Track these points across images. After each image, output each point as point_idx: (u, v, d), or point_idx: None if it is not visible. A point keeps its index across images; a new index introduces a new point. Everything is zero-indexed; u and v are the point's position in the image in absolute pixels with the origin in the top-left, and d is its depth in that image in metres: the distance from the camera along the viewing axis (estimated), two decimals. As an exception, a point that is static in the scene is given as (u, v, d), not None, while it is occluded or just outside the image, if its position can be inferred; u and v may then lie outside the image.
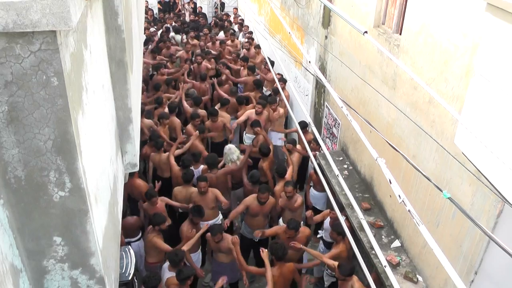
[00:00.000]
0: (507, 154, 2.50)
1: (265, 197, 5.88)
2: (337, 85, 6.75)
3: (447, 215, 4.05)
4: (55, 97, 1.88)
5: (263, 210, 6.02)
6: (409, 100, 4.60)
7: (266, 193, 5.88)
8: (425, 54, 4.24)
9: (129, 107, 3.60)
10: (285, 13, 9.58)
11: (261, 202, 5.92)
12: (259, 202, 5.93)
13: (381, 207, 5.54)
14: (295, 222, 5.48)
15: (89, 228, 2.20)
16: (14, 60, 1.78)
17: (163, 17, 15.21)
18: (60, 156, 1.98)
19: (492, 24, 2.65)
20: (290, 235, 5.45)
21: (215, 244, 5.57)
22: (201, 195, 6.04)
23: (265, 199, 5.89)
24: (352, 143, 6.45)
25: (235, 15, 15.10)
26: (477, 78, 2.85)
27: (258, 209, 6.01)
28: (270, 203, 6.02)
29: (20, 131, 1.90)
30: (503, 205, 3.28)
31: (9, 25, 1.67)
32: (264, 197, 5.87)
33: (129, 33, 3.80)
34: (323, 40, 7.23)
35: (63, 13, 1.71)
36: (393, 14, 5.10)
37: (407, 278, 4.60)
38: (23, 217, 2.07)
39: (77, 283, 2.34)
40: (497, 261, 3.48)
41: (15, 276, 2.04)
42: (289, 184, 5.98)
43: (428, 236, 1.97)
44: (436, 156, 4.17)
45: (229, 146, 7.10)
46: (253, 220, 6.11)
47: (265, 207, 5.99)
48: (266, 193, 5.88)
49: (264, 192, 5.86)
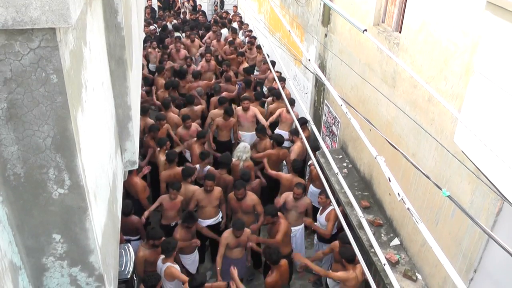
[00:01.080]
0: (507, 152, 2.50)
1: (241, 193, 5.92)
2: (336, 83, 6.75)
3: (446, 213, 4.06)
4: (55, 94, 1.87)
5: (242, 206, 6.06)
6: (408, 99, 4.60)
7: (242, 189, 5.92)
8: (425, 53, 4.24)
9: (129, 105, 3.60)
10: (284, 11, 9.57)
11: (238, 198, 5.97)
12: (237, 198, 5.98)
13: (381, 205, 5.55)
14: (271, 208, 5.63)
15: (88, 226, 2.20)
16: (13, 57, 1.78)
17: (163, 15, 15.20)
18: (60, 154, 1.98)
19: (491, 22, 2.65)
20: (267, 221, 5.60)
21: (235, 240, 5.54)
22: (207, 193, 6.04)
23: (241, 195, 5.94)
24: (351, 141, 6.46)
25: (234, 13, 15.08)
26: (477, 76, 2.85)
27: (237, 205, 6.06)
28: (248, 199, 6.05)
29: (19, 128, 1.90)
30: (502, 203, 3.28)
31: (8, 22, 1.67)
32: (240, 193, 5.92)
33: (128, 31, 3.80)
34: (323, 38, 7.22)
35: (63, 10, 1.70)
36: (393, 12, 5.10)
37: (406, 276, 4.60)
38: (22, 214, 2.07)
39: (76, 280, 2.34)
40: (497, 259, 3.48)
41: (14, 274, 2.04)
42: (300, 187, 6.00)
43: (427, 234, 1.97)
44: (435, 154, 4.17)
45: (244, 144, 7.09)
46: (236, 217, 6.11)
47: (243, 203, 6.02)
48: (242, 189, 5.92)
49: (240, 188, 5.90)
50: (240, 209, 6.09)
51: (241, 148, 6.98)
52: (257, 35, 11.04)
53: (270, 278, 4.99)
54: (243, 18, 14.55)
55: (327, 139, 7.48)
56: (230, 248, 5.61)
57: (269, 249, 5.11)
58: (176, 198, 6.01)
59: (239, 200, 5.98)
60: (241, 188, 5.90)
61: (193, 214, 5.67)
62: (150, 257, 5.21)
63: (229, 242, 5.55)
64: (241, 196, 5.94)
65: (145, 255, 5.18)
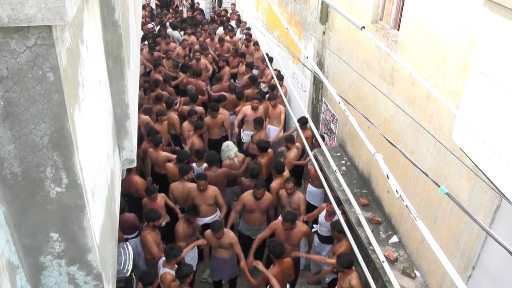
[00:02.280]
0: (505, 149, 2.50)
1: (261, 192, 5.87)
2: (335, 81, 6.75)
3: (444, 210, 4.06)
4: (51, 93, 1.86)
5: (260, 206, 6.02)
6: (407, 96, 4.60)
7: (262, 189, 5.87)
8: (423, 50, 4.24)
9: (126, 103, 3.59)
10: (283, 9, 9.56)
11: (257, 198, 5.91)
12: (255, 198, 5.92)
13: (379, 202, 5.55)
14: (291, 214, 5.46)
15: (86, 224, 2.19)
16: (9, 55, 1.77)
17: (160, 12, 15.16)
18: (57, 152, 1.97)
19: (490, 19, 2.64)
20: (286, 228, 5.44)
21: (216, 241, 5.52)
22: (200, 192, 6.04)
23: (260, 195, 5.88)
24: (350, 139, 6.46)
25: (232, 11, 15.05)
26: (475, 73, 2.85)
27: (255, 205, 6.00)
28: (266, 199, 6.02)
29: (16, 126, 1.89)
30: (500, 200, 3.29)
31: (4, 20, 1.66)
32: (259, 192, 5.86)
33: (126, 29, 3.79)
34: (321, 36, 7.21)
35: (59, 7, 1.69)
36: (391, 9, 5.09)
37: (405, 273, 4.61)
38: (20, 213, 2.06)
39: (75, 279, 2.33)
40: (495, 256, 3.49)
41: (12, 272, 2.04)
42: (289, 181, 5.97)
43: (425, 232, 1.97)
44: (433, 152, 4.17)
45: (227, 143, 7.10)
46: (251, 216, 6.10)
47: (261, 203, 5.98)
48: (262, 189, 5.87)
49: (260, 188, 5.85)
50: (258, 209, 6.03)
51: (225, 147, 6.98)
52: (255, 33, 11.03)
53: (271, 271, 4.98)
54: (241, 16, 14.52)
55: (326, 137, 7.48)
56: (214, 248, 5.63)
57: (274, 243, 5.11)
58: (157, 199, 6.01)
59: (258, 199, 5.93)
60: (261, 188, 5.85)
61: (196, 207, 5.65)
62: (156, 238, 5.40)
63: (211, 243, 5.59)
64: (261, 196, 5.89)
65: (153, 236, 5.36)
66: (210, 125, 7.98)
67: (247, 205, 6.03)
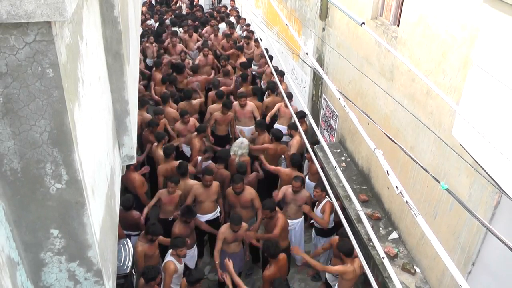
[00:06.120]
0: (505, 145, 2.50)
1: (239, 187, 5.92)
2: (334, 77, 6.74)
3: (444, 206, 4.06)
4: (51, 89, 1.86)
5: (240, 200, 6.06)
6: (406, 92, 4.59)
7: (240, 183, 5.92)
8: (423, 46, 4.23)
9: (126, 100, 3.58)
10: (282, 5, 9.54)
11: (237, 192, 5.97)
12: (235, 192, 5.98)
13: (379, 199, 5.55)
14: (270, 203, 5.59)
15: (86, 221, 2.19)
16: (8, 51, 1.77)
17: (160, 9, 15.11)
18: (57, 148, 1.97)
19: (490, 15, 2.64)
20: (265, 215, 5.57)
21: (235, 198, 5.65)
22: (205, 188, 6.04)
23: (239, 189, 5.94)
24: (349, 135, 6.45)
25: (232, 7, 15.00)
26: (475, 69, 2.85)
27: (235, 200, 6.06)
28: (247, 194, 6.05)
29: (15, 123, 1.89)
30: (500, 196, 3.29)
31: (3, 16, 1.65)
32: (238, 187, 5.92)
33: (125, 25, 3.78)
34: (321, 32, 7.20)
35: (58, 3, 1.68)
36: (391, 5, 5.08)
37: (404, 269, 4.62)
38: (20, 209, 2.06)
39: (75, 275, 2.34)
40: (495, 252, 3.49)
41: (12, 269, 2.04)
42: (298, 180, 5.98)
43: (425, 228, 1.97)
44: (433, 148, 4.17)
45: (242, 140, 7.08)
46: (235, 212, 6.10)
47: (241, 197, 6.02)
48: (240, 183, 5.92)
49: (238, 182, 5.91)
50: (239, 204, 6.08)
51: (238, 143, 6.98)
52: (254, 29, 11.00)
53: (268, 271, 4.99)
54: (241, 12, 14.48)
55: (325, 133, 7.47)
56: (228, 242, 5.61)
57: (268, 242, 5.12)
58: (174, 192, 6.01)
59: (237, 194, 5.98)
60: (239, 182, 5.90)
61: (191, 209, 5.68)
62: (148, 251, 5.23)
63: (227, 236, 5.55)
64: (239, 190, 5.94)
65: (144, 249, 5.19)
66: (219, 121, 7.93)
67: (230, 200, 6.17)
